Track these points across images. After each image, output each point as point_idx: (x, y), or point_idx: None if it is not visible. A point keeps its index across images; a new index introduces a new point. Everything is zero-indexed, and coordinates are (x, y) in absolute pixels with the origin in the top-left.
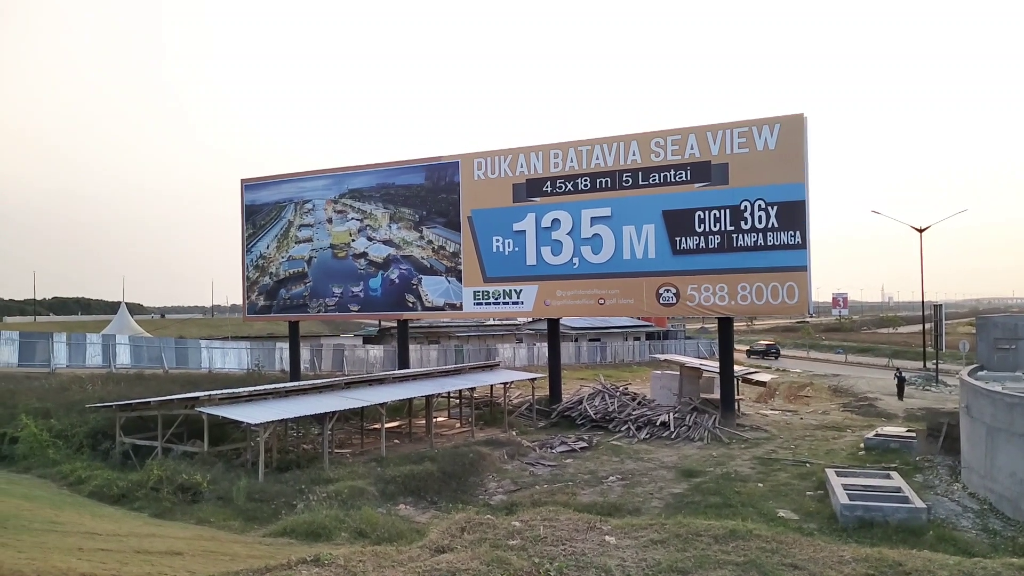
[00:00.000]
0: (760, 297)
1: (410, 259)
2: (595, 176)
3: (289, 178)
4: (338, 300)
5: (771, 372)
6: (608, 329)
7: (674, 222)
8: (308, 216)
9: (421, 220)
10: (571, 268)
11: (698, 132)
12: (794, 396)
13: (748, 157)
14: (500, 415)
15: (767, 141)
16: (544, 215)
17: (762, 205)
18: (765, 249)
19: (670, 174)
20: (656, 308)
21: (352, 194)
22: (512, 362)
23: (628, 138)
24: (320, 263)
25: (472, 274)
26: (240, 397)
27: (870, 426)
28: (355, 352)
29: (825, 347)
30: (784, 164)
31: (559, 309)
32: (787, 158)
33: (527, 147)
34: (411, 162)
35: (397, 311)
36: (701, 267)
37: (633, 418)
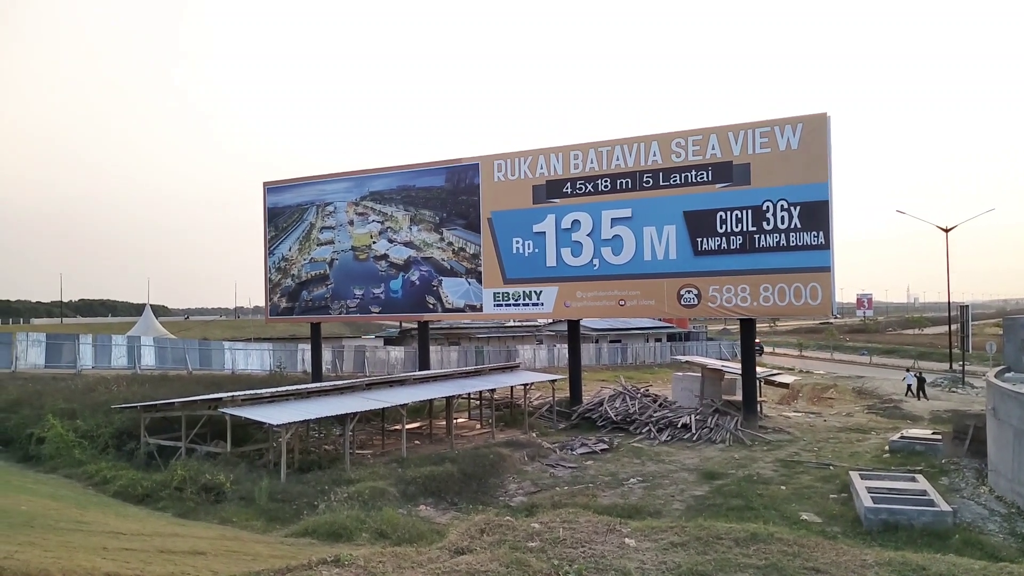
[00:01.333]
0: (783, 298)
1: (430, 261)
2: (615, 177)
3: (310, 181)
4: (359, 302)
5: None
6: (629, 331)
7: (695, 223)
8: (329, 218)
9: (441, 222)
10: (591, 269)
11: (719, 132)
12: (818, 398)
13: (770, 157)
14: (520, 416)
15: (790, 141)
16: (564, 216)
17: (784, 205)
18: (788, 250)
19: (691, 174)
20: (677, 309)
21: (373, 196)
22: (532, 363)
23: (649, 139)
24: (341, 265)
25: (492, 275)
26: (262, 398)
27: (895, 428)
28: (376, 353)
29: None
30: (807, 164)
31: (579, 310)
32: (810, 158)
33: (547, 148)
34: (431, 164)
35: (418, 312)
36: (723, 268)
37: (654, 420)
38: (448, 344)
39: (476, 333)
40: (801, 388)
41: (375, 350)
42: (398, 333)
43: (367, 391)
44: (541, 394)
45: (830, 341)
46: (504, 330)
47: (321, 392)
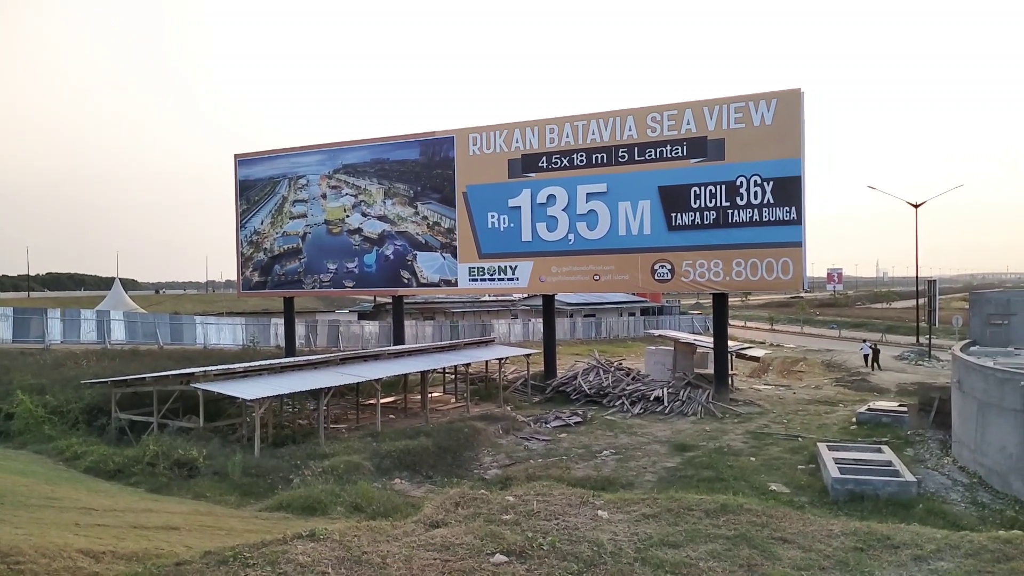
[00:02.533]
0: (755, 273)
1: (405, 235)
2: (591, 151)
3: (283, 153)
4: (333, 276)
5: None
6: (603, 305)
7: (670, 198)
8: (302, 192)
9: (416, 196)
10: (566, 244)
11: (694, 107)
12: (787, 371)
13: (744, 132)
14: (495, 390)
15: (764, 116)
16: (540, 191)
17: (758, 181)
18: (760, 225)
19: (666, 149)
20: (651, 284)
21: (346, 169)
22: (507, 338)
23: (624, 113)
24: (315, 239)
25: (467, 250)
26: (235, 373)
27: (862, 401)
28: (350, 328)
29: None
30: (780, 140)
31: (554, 285)
32: (783, 134)
33: (522, 122)
34: (406, 137)
35: (392, 287)
36: (696, 243)
37: (627, 393)
38: (423, 319)
39: (451, 308)
40: (771, 362)
41: (349, 325)
42: (372, 308)
43: (341, 366)
44: (516, 368)
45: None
46: (479, 305)
47: (295, 367)
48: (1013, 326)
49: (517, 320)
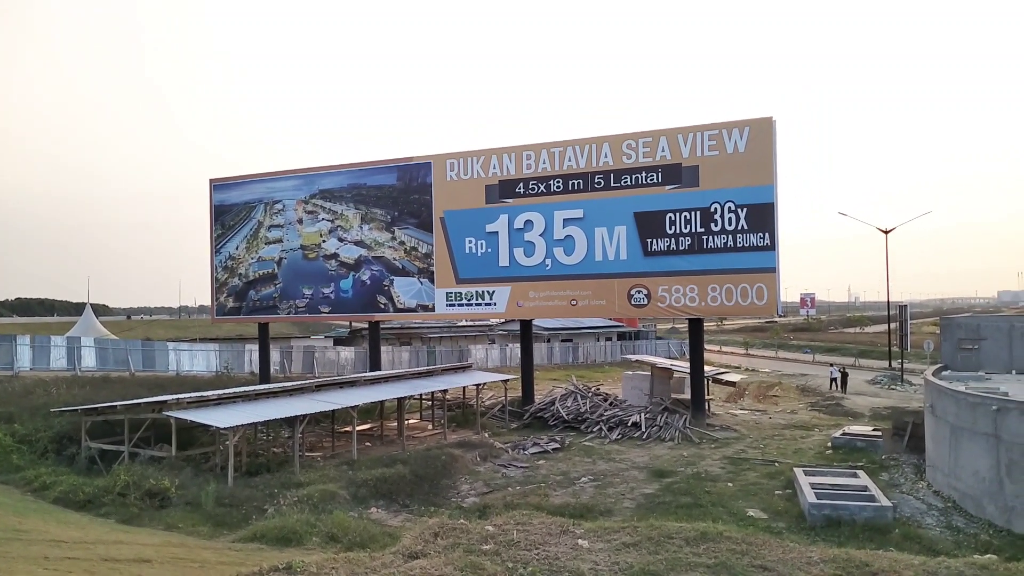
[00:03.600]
0: (730, 298)
1: (382, 260)
2: (567, 178)
3: (259, 178)
4: (308, 301)
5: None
6: (580, 330)
7: (645, 224)
8: (278, 217)
9: (393, 221)
10: (544, 269)
11: (669, 135)
12: (763, 396)
13: (718, 159)
14: (472, 417)
15: (737, 144)
16: (517, 216)
17: (732, 207)
18: (735, 251)
19: (641, 176)
20: (628, 309)
21: (323, 195)
22: (484, 363)
23: (600, 140)
24: (290, 264)
25: (444, 275)
26: (209, 400)
27: (837, 425)
28: (326, 354)
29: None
30: (753, 167)
31: (532, 310)
32: (756, 161)
33: (500, 148)
34: (383, 162)
35: (368, 312)
36: (672, 268)
37: (605, 419)
38: (399, 344)
39: (428, 333)
40: (747, 386)
41: (325, 350)
42: (348, 333)
43: (316, 392)
44: (493, 394)
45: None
46: (456, 330)
47: (269, 394)
48: (984, 351)
49: (495, 345)
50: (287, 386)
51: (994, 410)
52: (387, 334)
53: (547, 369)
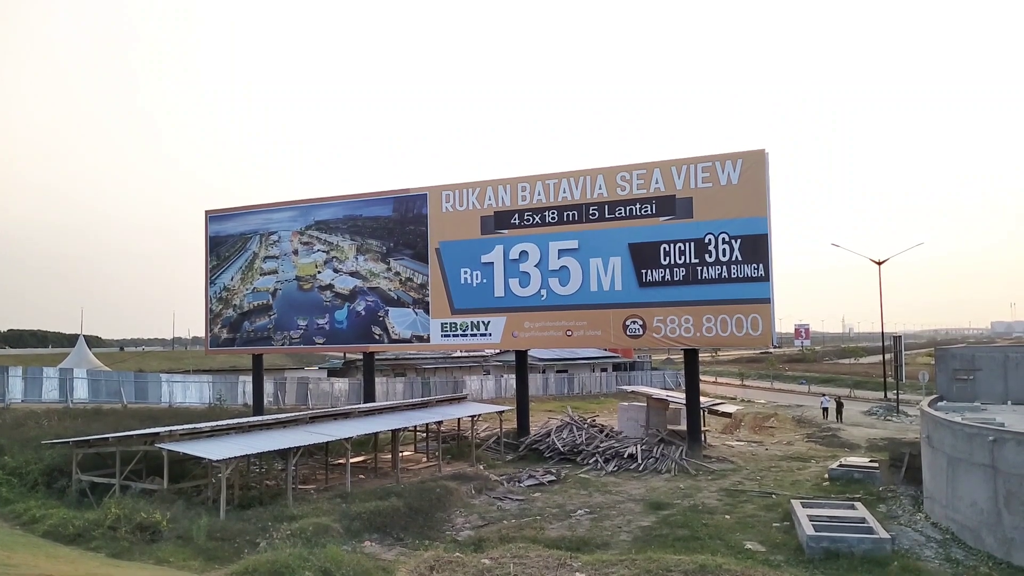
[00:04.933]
0: (725, 329)
1: (377, 291)
2: (562, 209)
3: (255, 209)
4: (303, 332)
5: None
6: (576, 360)
7: (640, 255)
8: (273, 248)
9: (388, 252)
10: (539, 300)
11: (663, 167)
12: (759, 427)
13: (712, 191)
14: (467, 449)
15: (730, 176)
16: (512, 247)
17: (726, 238)
18: (729, 281)
19: (636, 207)
20: (623, 340)
21: (319, 226)
22: (479, 394)
23: (595, 172)
24: (285, 295)
25: (440, 306)
26: (201, 432)
27: (834, 456)
28: (320, 385)
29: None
30: (747, 198)
31: (527, 341)
32: (750, 192)
33: (495, 180)
34: (379, 194)
35: (363, 343)
36: (667, 299)
37: (601, 450)
38: (394, 375)
39: (422, 364)
40: (743, 417)
41: (318, 382)
42: (342, 364)
43: (310, 424)
44: (488, 426)
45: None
46: (451, 361)
47: (263, 426)
48: (979, 381)
49: (489, 376)
50: (281, 418)
51: (991, 441)
52: (382, 365)
53: (543, 400)
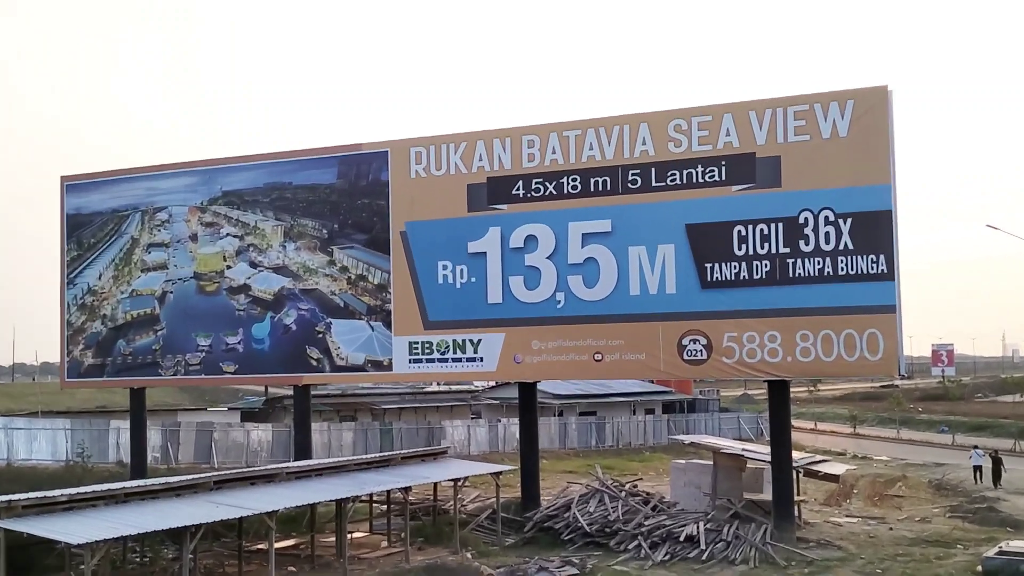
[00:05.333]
0: (828, 350)
1: (314, 295)
2: (588, 174)
3: (133, 174)
4: (205, 356)
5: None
6: (608, 398)
7: (703, 241)
8: (162, 231)
9: (331, 237)
10: (553, 308)
11: (736, 111)
12: (880, 496)
13: (809, 148)
14: (448, 528)
15: (836, 125)
16: (514, 230)
17: (830, 217)
18: (835, 280)
19: (697, 172)
20: (678, 367)
21: (228, 199)
22: (465, 447)
23: (636, 119)
24: (179, 301)
25: (407, 317)
26: (56, 503)
27: (990, 539)
28: (230, 434)
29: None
30: (862, 158)
31: (536, 368)
32: (866, 149)
33: (489, 131)
34: (318, 152)
35: (294, 372)
36: (742, 306)
37: (646, 531)
38: (340, 419)
39: (382, 403)
40: (856, 481)
41: (228, 429)
42: (263, 404)
43: (216, 492)
44: (479, 493)
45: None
46: (424, 398)
47: (146, 493)
48: None
49: (480, 421)
50: (173, 482)
51: None
52: (322, 405)
53: (560, 456)
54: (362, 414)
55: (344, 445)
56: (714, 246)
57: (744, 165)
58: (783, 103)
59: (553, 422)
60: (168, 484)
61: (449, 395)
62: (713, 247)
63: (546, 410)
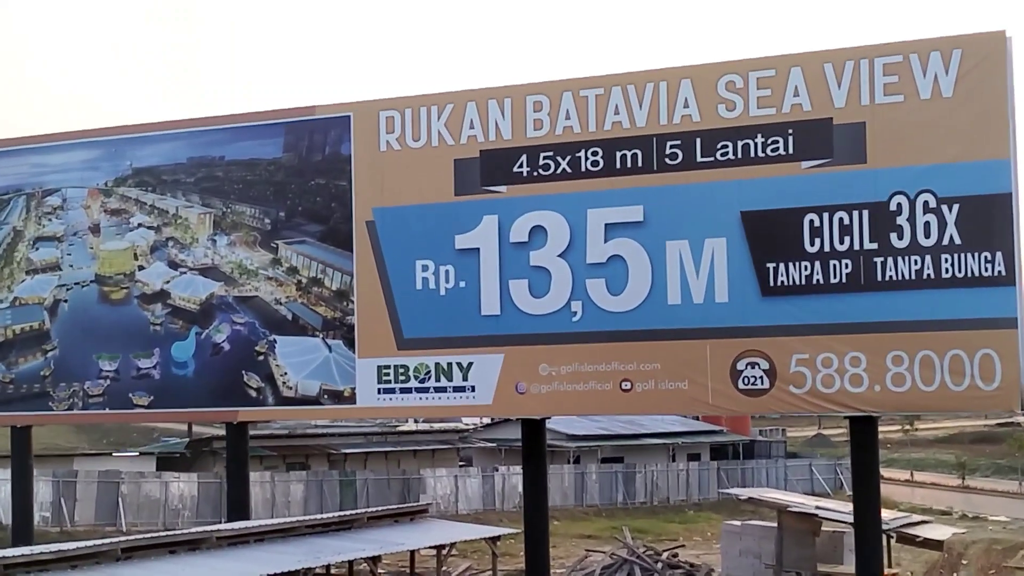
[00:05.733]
0: (928, 377)
1: (253, 304)
2: (613, 146)
3: (13, 146)
4: (110, 384)
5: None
6: (638, 439)
7: (764, 234)
8: (53, 220)
9: (276, 229)
10: (568, 322)
11: (808, 64)
12: (996, 568)
13: (903, 112)
14: None
15: (938, 81)
16: (516, 220)
17: (931, 202)
18: (937, 285)
19: (756, 143)
20: (731, 398)
21: (140, 178)
22: (451, 504)
23: (675, 74)
24: (75, 312)
25: (375, 333)
26: None
27: None
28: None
29: None
30: (972, 125)
31: (544, 401)
32: (978, 114)
33: (482, 90)
34: (257, 117)
35: (227, 405)
36: (816, 320)
37: None
38: (286, 468)
39: (342, 446)
40: (965, 549)
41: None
42: (186, 447)
43: (124, 563)
44: (470, 565)
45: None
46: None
47: (31, 565)
48: None
49: (471, 470)
50: (67, 551)
51: None
52: (263, 448)
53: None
54: (316, 460)
55: (293, 501)
56: (778, 241)
57: (818, 135)
58: (869, 53)
59: (567, 471)
60: (62, 553)
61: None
62: (777, 242)
63: (558, 456)
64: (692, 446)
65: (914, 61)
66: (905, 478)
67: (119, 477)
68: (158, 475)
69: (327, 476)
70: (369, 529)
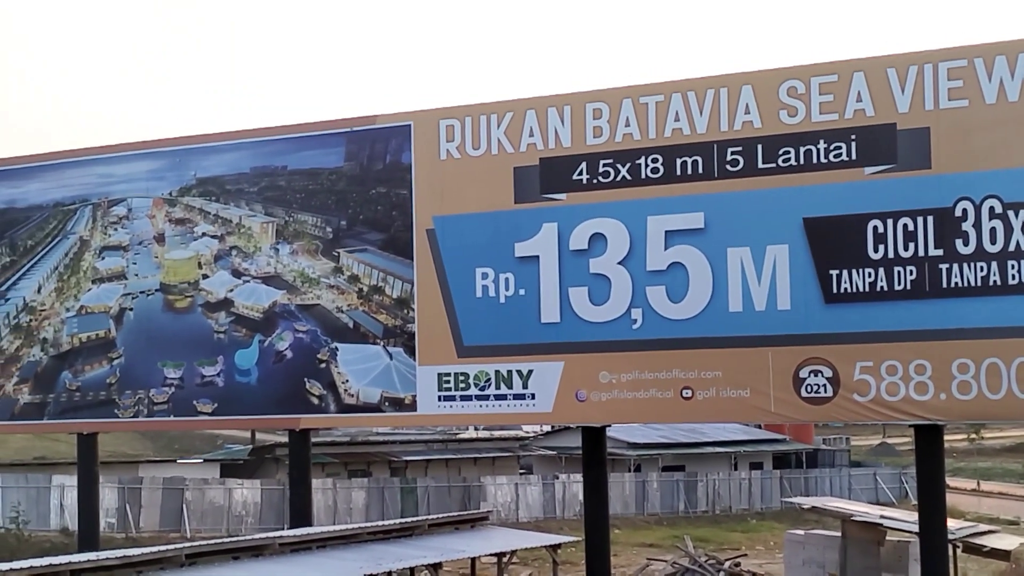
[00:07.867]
0: (995, 385)
1: (315, 312)
2: (674, 153)
3: (81, 157)
4: (174, 392)
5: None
6: (700, 448)
7: (827, 241)
8: (119, 230)
9: (337, 237)
10: (628, 329)
11: (871, 69)
12: None
13: (968, 116)
14: None
15: (1003, 85)
16: (576, 227)
17: (997, 208)
18: (1004, 292)
19: (818, 149)
20: (793, 406)
21: (204, 187)
22: (512, 512)
23: (736, 80)
24: (140, 320)
25: (435, 341)
26: None
27: None
28: (206, 494)
29: None
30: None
31: (604, 408)
32: None
33: (541, 98)
34: (319, 127)
35: (289, 412)
36: (880, 327)
37: None
38: (348, 475)
39: (403, 453)
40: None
41: (204, 487)
42: (250, 454)
43: (188, 568)
44: (532, 573)
45: None
46: (458, 447)
47: (99, 570)
48: None
49: (532, 478)
50: (132, 556)
51: None
52: (325, 455)
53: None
54: (377, 468)
55: (354, 508)
56: (841, 247)
57: (881, 140)
58: (932, 57)
59: (628, 480)
60: (127, 558)
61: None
62: (840, 249)
63: (619, 464)
64: (754, 454)
65: (979, 65)
66: (972, 488)
67: (183, 484)
68: (222, 482)
69: (388, 483)
70: (430, 536)
